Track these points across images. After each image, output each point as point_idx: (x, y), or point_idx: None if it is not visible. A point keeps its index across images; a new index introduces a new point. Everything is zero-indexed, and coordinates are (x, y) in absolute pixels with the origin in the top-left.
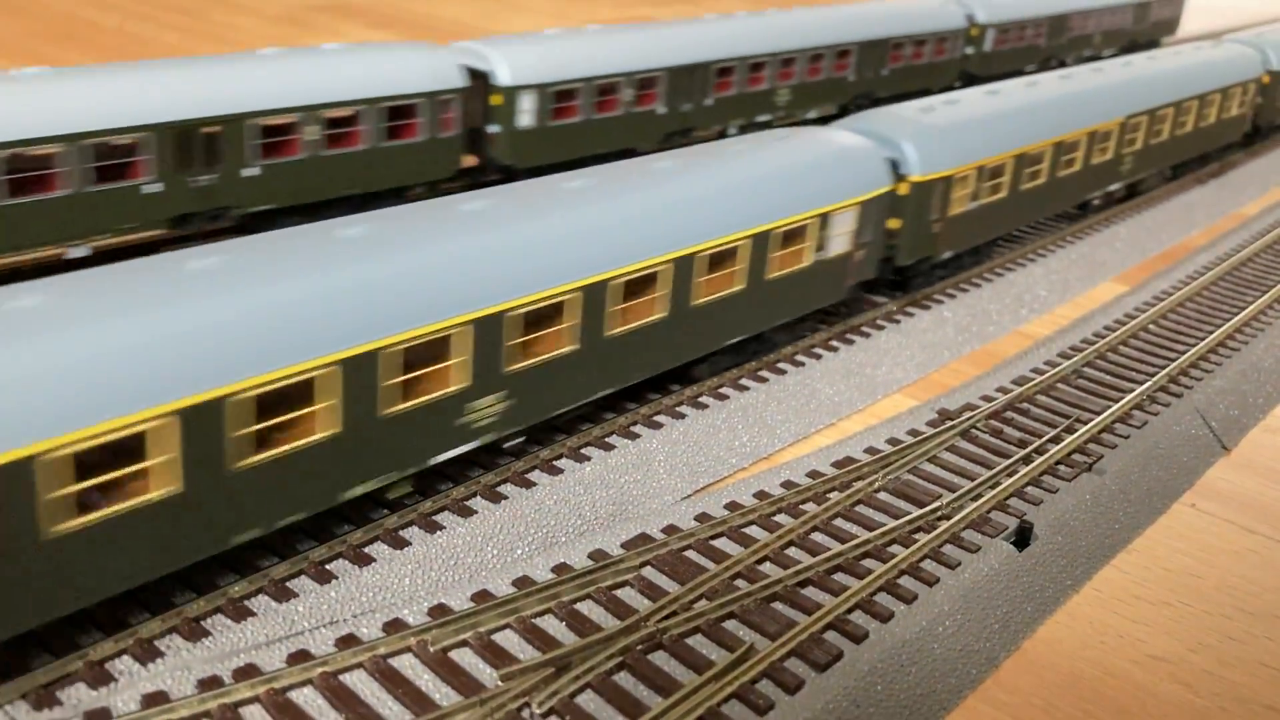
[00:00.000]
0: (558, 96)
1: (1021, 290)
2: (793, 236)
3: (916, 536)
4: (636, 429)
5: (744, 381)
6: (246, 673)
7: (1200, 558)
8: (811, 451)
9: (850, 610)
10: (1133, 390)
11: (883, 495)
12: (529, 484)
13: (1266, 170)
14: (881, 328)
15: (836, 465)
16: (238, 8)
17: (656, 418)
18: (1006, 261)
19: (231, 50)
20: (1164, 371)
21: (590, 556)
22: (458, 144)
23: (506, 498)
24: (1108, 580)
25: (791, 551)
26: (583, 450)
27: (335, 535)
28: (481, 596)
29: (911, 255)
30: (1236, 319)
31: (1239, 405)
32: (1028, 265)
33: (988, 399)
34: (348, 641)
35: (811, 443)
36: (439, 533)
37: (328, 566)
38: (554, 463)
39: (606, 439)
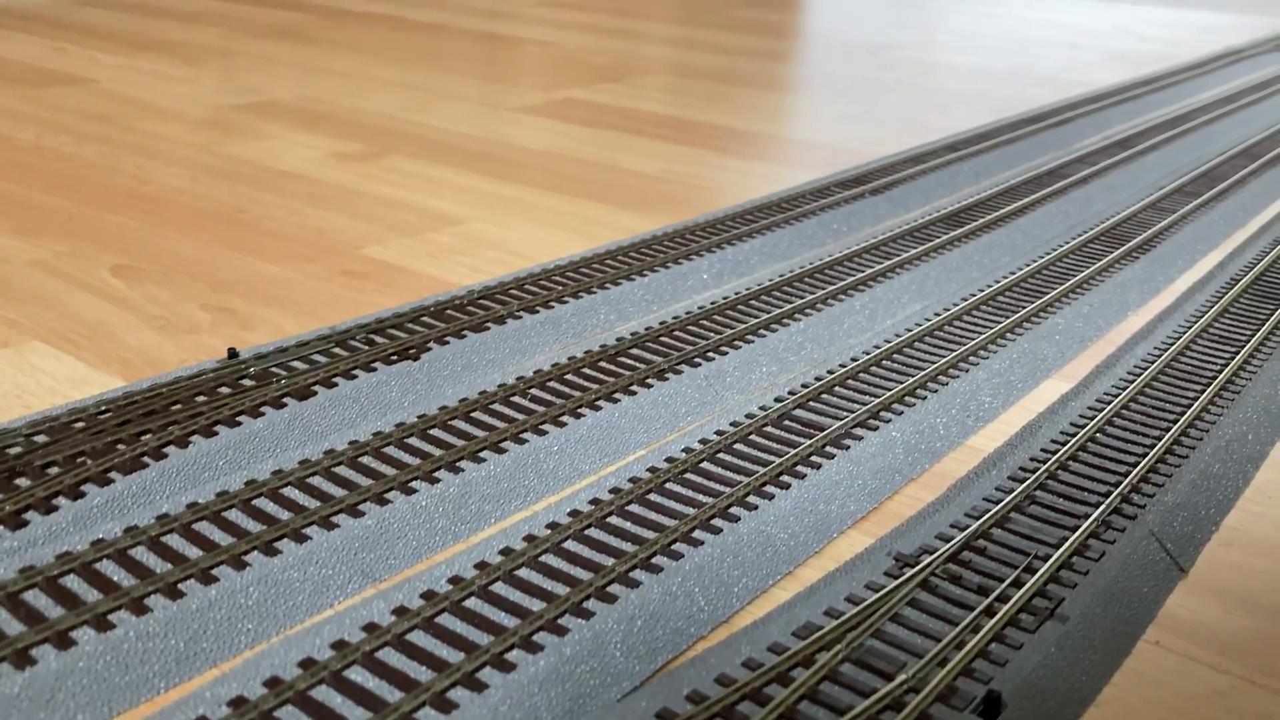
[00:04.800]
0: None
1: (966, 398)
2: None
3: (884, 717)
4: (589, 605)
5: (697, 534)
6: None
7: (1171, 706)
8: (772, 608)
9: None
10: (1086, 516)
11: (846, 668)
12: (479, 686)
13: (1193, 240)
14: (831, 456)
15: (797, 634)
16: (160, 114)
17: (610, 589)
18: (948, 367)
19: (156, 162)
20: (1116, 491)
21: None
22: None
23: (457, 705)
24: None
25: None
26: (534, 638)
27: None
28: None
29: None
30: (1181, 421)
31: (1192, 520)
32: (970, 370)
33: (944, 538)
34: None
35: (771, 598)
36: None
37: None
38: (504, 657)
39: (558, 620)
